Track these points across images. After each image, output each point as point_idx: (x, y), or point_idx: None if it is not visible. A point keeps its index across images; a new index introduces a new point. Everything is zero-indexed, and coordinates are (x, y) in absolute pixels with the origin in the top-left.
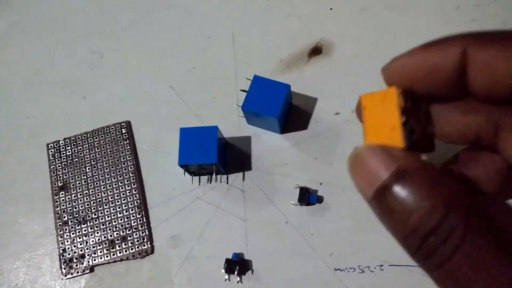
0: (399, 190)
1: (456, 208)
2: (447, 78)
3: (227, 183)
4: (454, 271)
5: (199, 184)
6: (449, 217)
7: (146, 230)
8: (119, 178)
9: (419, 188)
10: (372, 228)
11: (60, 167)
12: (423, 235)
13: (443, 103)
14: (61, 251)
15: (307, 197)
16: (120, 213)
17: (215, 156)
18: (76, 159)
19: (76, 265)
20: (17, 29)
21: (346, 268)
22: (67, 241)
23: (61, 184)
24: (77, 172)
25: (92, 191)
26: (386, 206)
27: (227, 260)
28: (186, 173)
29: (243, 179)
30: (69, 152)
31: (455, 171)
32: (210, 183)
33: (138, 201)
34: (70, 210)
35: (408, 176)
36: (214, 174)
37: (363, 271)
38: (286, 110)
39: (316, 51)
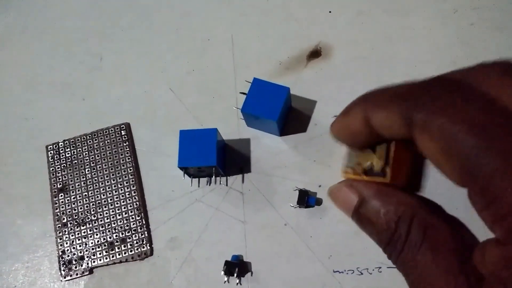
0: (364, 212)
1: (401, 221)
2: (363, 135)
3: (226, 185)
4: (403, 268)
5: (199, 186)
6: (398, 228)
7: (145, 232)
8: (118, 180)
9: (376, 209)
10: None
11: (59, 169)
12: (384, 244)
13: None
14: (60, 253)
15: (306, 199)
16: (119, 215)
17: (215, 158)
18: (75, 161)
19: (75, 267)
20: (16, 31)
21: (345, 270)
22: (66, 243)
23: (60, 186)
24: (76, 174)
25: (91, 193)
26: (361, 222)
27: (226, 262)
28: (185, 175)
29: (243, 181)
30: (68, 154)
31: None
32: (209, 185)
33: (137, 203)
34: (69, 212)
35: (366, 202)
36: (213, 176)
37: (362, 273)
38: (285, 113)
39: (315, 54)
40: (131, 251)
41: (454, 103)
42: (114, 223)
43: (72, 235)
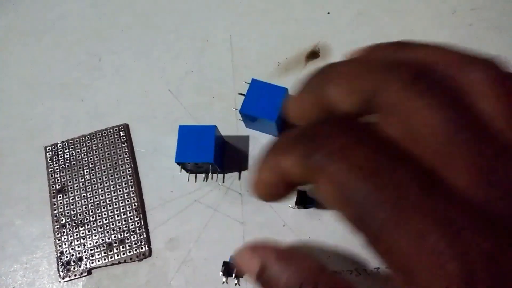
0: (266, 277)
1: (306, 284)
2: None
3: (223, 181)
4: None
5: (195, 182)
6: None
7: (144, 233)
8: (117, 181)
9: (278, 275)
10: None
11: (58, 170)
12: None
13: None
14: (58, 254)
15: (305, 200)
16: (118, 216)
17: (212, 155)
18: (74, 162)
19: (74, 268)
20: (15, 32)
21: (344, 271)
22: (65, 244)
23: (59, 187)
24: (75, 175)
25: (90, 194)
26: (264, 286)
27: (225, 263)
28: (182, 170)
29: (239, 178)
30: (67, 155)
31: None
32: (206, 181)
33: (135, 204)
34: (68, 213)
35: (268, 268)
36: (210, 173)
37: (360, 274)
38: (284, 114)
39: (313, 54)
40: (129, 252)
41: (346, 146)
42: (113, 224)
43: (70, 236)
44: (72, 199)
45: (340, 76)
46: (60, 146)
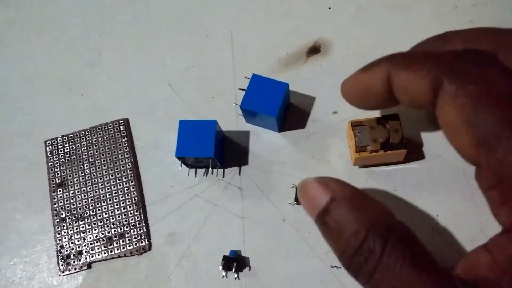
0: (333, 215)
1: (375, 231)
2: (379, 96)
3: (223, 176)
4: (378, 286)
5: (195, 176)
6: (368, 239)
7: (144, 227)
8: (117, 176)
9: (346, 214)
10: None
11: (58, 164)
12: (349, 255)
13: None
14: (58, 248)
15: None
16: (117, 210)
17: (212, 150)
18: (74, 156)
19: (74, 262)
20: (15, 26)
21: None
22: (65, 238)
23: (59, 181)
24: (75, 169)
25: (90, 188)
26: (325, 227)
27: (225, 257)
28: (182, 165)
29: (239, 173)
30: (67, 149)
31: None
32: (206, 176)
33: (135, 198)
34: (67, 207)
35: (338, 203)
36: (210, 168)
37: None
38: (284, 109)
39: (314, 50)
40: (129, 246)
41: (486, 76)
42: (113, 218)
43: (70, 230)
44: (72, 193)
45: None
46: (60, 140)
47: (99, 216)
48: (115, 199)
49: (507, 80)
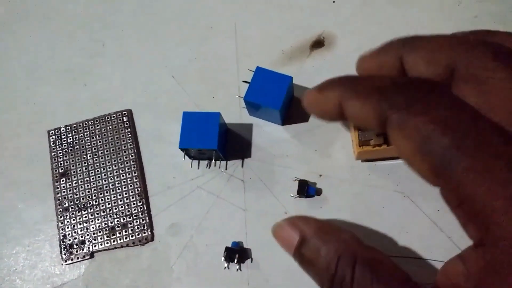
0: (305, 252)
1: (343, 261)
2: (334, 116)
3: (226, 168)
4: None
5: (198, 168)
6: (338, 271)
7: (147, 218)
8: (120, 166)
9: (316, 249)
10: (369, 220)
11: (61, 154)
12: (327, 287)
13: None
14: (61, 237)
15: (306, 189)
16: (120, 201)
17: (216, 142)
18: (77, 146)
19: (76, 251)
20: (18, 16)
21: None
22: (68, 227)
23: (62, 171)
24: (78, 159)
25: (93, 178)
26: (302, 263)
27: (227, 249)
28: (185, 156)
29: (242, 166)
30: (70, 139)
31: None
32: (209, 168)
33: (138, 189)
34: (70, 196)
35: (308, 241)
36: (213, 160)
37: None
38: (287, 102)
39: (318, 43)
40: (132, 236)
41: (429, 104)
42: (116, 209)
43: (73, 220)
44: (75, 183)
45: (423, 46)
46: (63, 130)
47: (102, 206)
48: (118, 189)
49: (451, 105)
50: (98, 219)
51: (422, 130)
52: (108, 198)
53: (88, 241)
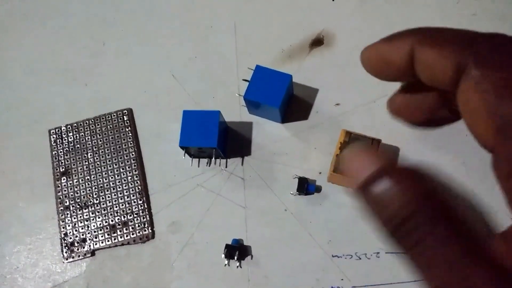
0: (383, 183)
1: (422, 207)
2: (399, 69)
3: (226, 166)
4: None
5: (198, 166)
6: (416, 214)
7: (147, 216)
8: (121, 165)
9: (396, 185)
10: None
11: (62, 153)
12: (396, 223)
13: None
14: (62, 235)
15: (306, 186)
16: (121, 199)
17: (215, 140)
18: (78, 145)
19: (78, 249)
20: (19, 16)
21: (343, 255)
22: (69, 226)
23: (63, 169)
24: (79, 158)
25: (93, 177)
26: (372, 195)
27: (227, 246)
28: (186, 155)
29: (242, 164)
30: (71, 138)
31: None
32: (209, 166)
33: (139, 187)
34: (71, 195)
35: (389, 173)
36: (213, 158)
37: (360, 258)
38: (287, 100)
39: (317, 42)
40: (132, 234)
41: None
42: (116, 207)
43: (74, 218)
44: (76, 182)
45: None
46: (64, 129)
47: (103, 204)
48: (119, 187)
49: None
50: (99, 217)
51: (501, 88)
52: (108, 197)
53: (89, 239)
